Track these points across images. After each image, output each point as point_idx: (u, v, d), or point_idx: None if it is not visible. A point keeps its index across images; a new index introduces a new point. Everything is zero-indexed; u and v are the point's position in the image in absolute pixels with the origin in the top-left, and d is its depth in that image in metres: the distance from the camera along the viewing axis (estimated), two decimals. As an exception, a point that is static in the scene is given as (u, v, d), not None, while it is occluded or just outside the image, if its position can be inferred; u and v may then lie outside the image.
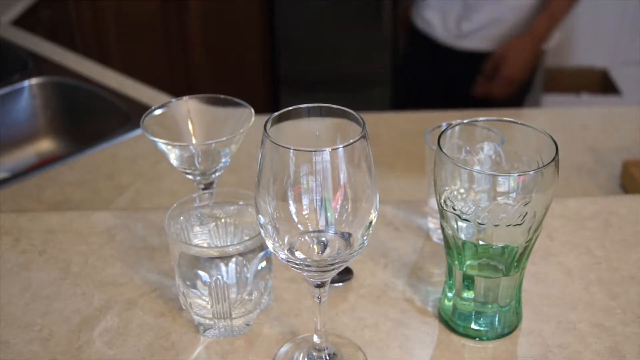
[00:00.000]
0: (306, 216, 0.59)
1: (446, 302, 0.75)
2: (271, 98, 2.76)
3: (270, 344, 0.74)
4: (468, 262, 0.70)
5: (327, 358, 0.70)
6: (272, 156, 0.58)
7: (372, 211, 0.61)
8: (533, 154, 0.68)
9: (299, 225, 0.60)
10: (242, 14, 2.58)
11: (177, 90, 1.29)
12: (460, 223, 0.67)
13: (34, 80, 1.48)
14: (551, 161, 0.64)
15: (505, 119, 0.70)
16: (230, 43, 2.60)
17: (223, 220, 0.75)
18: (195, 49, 2.57)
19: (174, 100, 0.83)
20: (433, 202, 0.85)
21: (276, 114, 0.62)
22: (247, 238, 0.70)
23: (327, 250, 0.62)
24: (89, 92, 1.45)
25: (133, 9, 2.41)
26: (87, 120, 1.48)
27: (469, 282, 0.71)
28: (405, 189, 1.10)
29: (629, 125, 1.25)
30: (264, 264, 0.72)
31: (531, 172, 0.63)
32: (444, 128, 0.71)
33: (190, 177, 0.81)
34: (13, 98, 1.46)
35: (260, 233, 0.65)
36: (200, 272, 0.70)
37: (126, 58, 2.43)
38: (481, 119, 0.71)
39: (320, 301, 0.66)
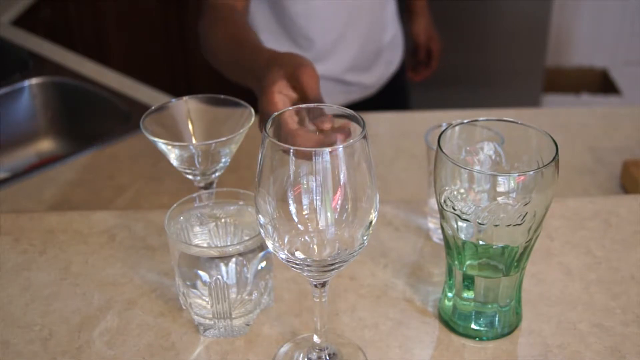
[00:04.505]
0: (306, 216, 0.59)
1: (446, 302, 0.75)
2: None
3: (270, 344, 0.74)
4: (468, 262, 0.70)
5: (327, 358, 0.70)
6: (272, 156, 0.58)
7: (372, 211, 0.60)
8: (533, 154, 0.68)
9: (299, 225, 0.60)
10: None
11: (177, 90, 1.29)
12: (460, 223, 0.67)
13: (34, 80, 1.48)
14: (551, 161, 0.64)
15: (505, 119, 0.70)
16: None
17: (223, 220, 0.75)
18: (195, 49, 2.57)
19: (174, 100, 0.83)
20: (433, 202, 0.85)
21: (276, 113, 0.62)
22: (247, 238, 0.70)
23: (327, 250, 0.62)
24: (89, 92, 1.45)
25: (133, 8, 2.41)
26: (87, 120, 1.48)
27: (469, 282, 0.71)
28: (405, 189, 1.10)
29: (629, 125, 1.25)
30: (264, 264, 0.72)
31: (531, 172, 0.63)
32: (444, 128, 0.71)
33: (190, 177, 0.81)
34: (13, 98, 1.46)
35: (260, 233, 0.65)
36: (200, 272, 0.70)
37: (126, 58, 2.42)
38: (481, 119, 0.71)
39: (320, 301, 0.66)
